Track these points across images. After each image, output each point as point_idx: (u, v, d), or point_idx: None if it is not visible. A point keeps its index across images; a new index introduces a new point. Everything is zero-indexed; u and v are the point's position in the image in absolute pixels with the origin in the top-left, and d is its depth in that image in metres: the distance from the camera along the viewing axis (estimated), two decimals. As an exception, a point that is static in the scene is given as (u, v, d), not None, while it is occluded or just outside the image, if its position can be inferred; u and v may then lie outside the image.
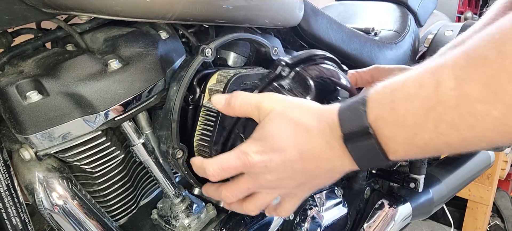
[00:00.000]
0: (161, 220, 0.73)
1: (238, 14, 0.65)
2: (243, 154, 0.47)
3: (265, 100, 0.48)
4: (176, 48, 0.65)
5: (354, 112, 0.41)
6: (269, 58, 0.70)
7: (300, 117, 0.45)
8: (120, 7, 0.53)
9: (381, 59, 1.03)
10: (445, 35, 1.26)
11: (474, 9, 3.67)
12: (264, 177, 0.48)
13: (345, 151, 0.42)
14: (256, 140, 0.47)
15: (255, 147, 0.47)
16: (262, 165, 0.46)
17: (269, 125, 0.46)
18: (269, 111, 0.47)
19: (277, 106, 0.47)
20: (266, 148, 0.46)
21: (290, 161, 0.45)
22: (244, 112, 0.50)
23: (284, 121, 0.45)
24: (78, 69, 0.54)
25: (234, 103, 0.50)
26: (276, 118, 0.46)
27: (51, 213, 0.57)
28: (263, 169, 0.46)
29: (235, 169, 0.49)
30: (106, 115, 0.56)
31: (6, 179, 0.55)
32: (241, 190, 0.51)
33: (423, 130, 0.36)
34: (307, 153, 0.44)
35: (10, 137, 0.57)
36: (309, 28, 0.85)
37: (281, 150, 0.45)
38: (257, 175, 0.48)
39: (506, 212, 2.13)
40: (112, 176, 0.65)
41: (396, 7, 1.25)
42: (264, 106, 0.47)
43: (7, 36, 0.58)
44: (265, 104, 0.47)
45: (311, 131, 0.44)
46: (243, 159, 0.47)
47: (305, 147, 0.44)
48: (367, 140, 0.40)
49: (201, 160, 0.53)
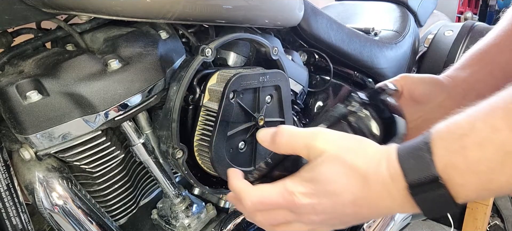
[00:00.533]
0: (161, 220, 0.73)
1: (238, 14, 0.65)
2: (289, 194, 0.44)
3: (317, 140, 0.44)
4: (176, 48, 0.65)
5: (418, 160, 0.38)
6: (269, 58, 0.70)
7: (356, 162, 0.42)
8: (120, 7, 0.53)
9: (381, 59, 1.03)
10: (445, 35, 1.26)
11: (474, 9, 3.68)
12: (309, 217, 0.45)
13: (410, 201, 0.39)
14: (305, 181, 0.44)
15: (303, 188, 0.43)
16: (309, 207, 0.43)
17: (322, 168, 0.43)
18: (322, 152, 0.43)
19: (331, 148, 0.43)
20: (316, 191, 0.43)
21: (342, 205, 0.42)
22: (291, 150, 0.46)
23: (338, 164, 0.42)
24: (78, 69, 0.54)
25: (279, 141, 0.46)
26: (329, 161, 0.42)
27: (51, 213, 0.57)
28: (310, 210, 0.44)
29: (276, 206, 0.45)
30: (106, 115, 0.56)
31: (6, 179, 0.55)
32: (278, 220, 0.47)
33: (499, 174, 0.35)
34: (362, 199, 0.42)
35: (10, 137, 0.57)
36: (309, 28, 0.85)
37: (333, 194, 0.42)
38: (301, 214, 0.45)
39: (506, 212, 2.13)
40: (112, 176, 0.65)
41: (396, 7, 1.25)
42: (316, 147, 0.44)
43: (7, 36, 0.58)
44: (318, 145, 0.44)
45: (369, 178, 0.41)
46: (288, 198, 0.44)
47: (361, 194, 0.41)
48: (437, 190, 0.38)
49: (240, 188, 0.48)
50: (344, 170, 0.42)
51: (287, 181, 0.45)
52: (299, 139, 0.45)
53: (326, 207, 0.43)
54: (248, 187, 0.47)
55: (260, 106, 0.66)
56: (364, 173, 0.41)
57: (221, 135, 0.61)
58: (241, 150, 0.67)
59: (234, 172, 0.50)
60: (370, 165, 0.41)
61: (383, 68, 1.04)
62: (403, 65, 1.13)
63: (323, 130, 0.46)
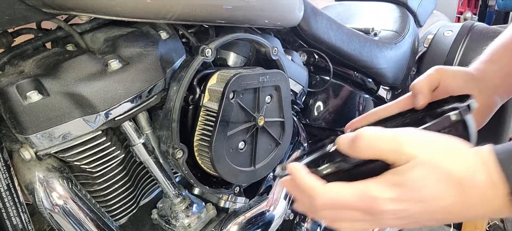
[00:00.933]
0: (161, 220, 0.73)
1: (238, 14, 0.65)
2: (371, 199, 0.41)
3: (407, 145, 0.41)
4: (176, 48, 0.65)
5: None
6: (269, 58, 0.70)
7: (451, 167, 0.39)
8: (120, 7, 0.53)
9: (381, 59, 1.03)
10: (444, 35, 1.26)
11: (474, 9, 3.68)
12: (388, 222, 0.42)
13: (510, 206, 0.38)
14: (391, 186, 0.41)
15: (390, 193, 0.41)
16: (391, 213, 0.41)
17: (413, 173, 0.40)
18: (412, 157, 0.40)
19: (422, 152, 0.40)
20: (404, 197, 0.40)
21: (431, 212, 0.41)
22: (374, 155, 0.43)
23: (431, 170, 0.40)
24: (78, 69, 0.54)
25: (359, 146, 0.43)
26: (421, 166, 0.40)
27: (51, 212, 0.57)
28: (391, 216, 0.41)
29: (351, 208, 0.43)
30: (106, 115, 0.56)
31: (7, 178, 0.56)
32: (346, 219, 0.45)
33: None
34: (455, 206, 0.40)
35: (11, 137, 0.57)
36: (309, 28, 0.85)
37: (423, 201, 0.40)
38: (378, 220, 0.42)
39: (506, 212, 2.13)
40: (112, 176, 0.65)
41: (396, 7, 1.25)
42: (405, 152, 0.41)
43: (8, 36, 0.58)
44: (408, 149, 0.41)
45: (464, 184, 0.39)
46: (368, 203, 0.41)
47: (454, 200, 0.40)
48: None
49: (311, 185, 0.45)
50: (438, 176, 0.40)
51: (371, 184, 0.42)
52: (385, 143, 0.42)
53: (411, 213, 0.41)
54: (320, 185, 0.44)
55: (260, 107, 0.66)
56: (460, 179, 0.39)
57: (221, 135, 0.61)
58: (241, 150, 0.67)
59: (298, 167, 0.47)
60: (466, 170, 0.39)
61: (383, 68, 1.05)
62: (402, 66, 1.14)
63: (411, 131, 0.43)
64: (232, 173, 0.66)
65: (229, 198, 0.78)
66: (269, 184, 0.84)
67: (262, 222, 0.80)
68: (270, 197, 0.82)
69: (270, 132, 0.70)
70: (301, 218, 0.98)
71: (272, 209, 0.81)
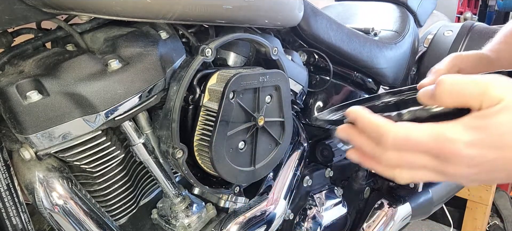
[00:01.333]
0: (161, 220, 0.73)
1: (238, 14, 0.65)
2: (447, 140, 0.39)
3: (494, 87, 0.38)
4: (176, 48, 0.65)
5: None
6: (269, 58, 0.70)
7: None
8: (120, 7, 0.53)
9: (381, 59, 1.03)
10: (444, 35, 1.26)
11: (474, 9, 3.68)
12: (457, 168, 0.40)
13: None
14: (472, 129, 0.38)
15: (468, 136, 0.38)
16: (467, 159, 0.39)
17: (499, 117, 0.38)
18: (499, 100, 0.38)
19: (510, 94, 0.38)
20: (484, 142, 0.38)
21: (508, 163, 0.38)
22: (458, 101, 0.40)
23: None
24: (78, 69, 0.54)
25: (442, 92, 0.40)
26: (508, 110, 0.38)
27: (51, 212, 0.57)
28: (465, 162, 0.39)
29: (422, 149, 0.40)
30: (106, 115, 0.56)
31: (6, 178, 0.56)
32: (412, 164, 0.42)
33: None
34: None
35: (11, 137, 0.57)
36: (309, 28, 0.86)
37: (505, 148, 0.38)
38: (449, 164, 0.40)
39: (505, 212, 2.13)
40: (112, 176, 0.65)
41: (396, 7, 1.25)
42: (492, 94, 0.38)
43: (7, 36, 0.58)
44: (495, 92, 0.38)
45: None
46: (443, 145, 0.39)
47: None
48: None
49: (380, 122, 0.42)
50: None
51: (448, 126, 0.39)
52: (470, 86, 0.39)
53: (488, 161, 0.39)
54: (391, 123, 0.42)
55: (260, 106, 0.66)
56: None
57: (221, 135, 0.61)
58: (241, 150, 0.67)
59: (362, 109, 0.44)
60: None
61: (383, 68, 1.05)
62: (402, 65, 1.14)
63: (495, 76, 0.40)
64: (232, 173, 0.66)
65: (229, 198, 0.78)
66: (269, 184, 0.84)
67: (262, 222, 0.80)
68: (270, 197, 0.82)
69: (270, 131, 0.70)
70: (301, 218, 0.98)
71: (272, 209, 0.81)
